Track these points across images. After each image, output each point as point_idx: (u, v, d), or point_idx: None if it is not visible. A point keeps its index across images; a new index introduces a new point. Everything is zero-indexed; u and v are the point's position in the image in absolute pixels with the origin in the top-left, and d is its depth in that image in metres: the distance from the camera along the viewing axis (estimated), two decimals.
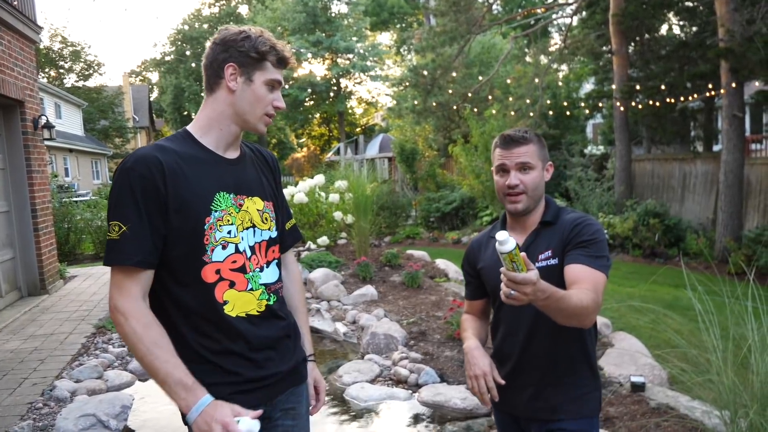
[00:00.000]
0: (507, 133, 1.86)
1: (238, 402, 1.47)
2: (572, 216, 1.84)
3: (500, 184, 1.84)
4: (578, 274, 1.64)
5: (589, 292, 1.57)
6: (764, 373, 2.61)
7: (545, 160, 1.88)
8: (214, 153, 1.60)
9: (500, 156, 1.83)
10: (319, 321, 6.13)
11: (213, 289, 1.51)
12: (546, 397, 1.81)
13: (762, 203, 9.63)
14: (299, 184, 8.76)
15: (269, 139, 43.94)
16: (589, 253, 1.69)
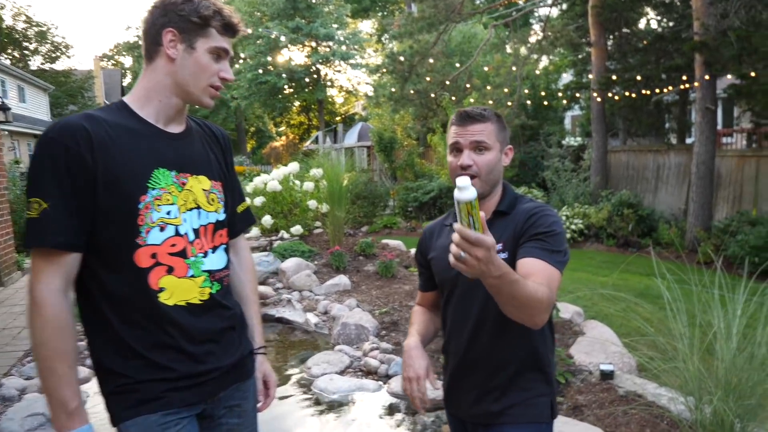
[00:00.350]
0: (464, 109, 1.69)
1: (173, 400, 1.38)
2: (529, 206, 1.67)
3: (453, 164, 1.66)
4: (531, 268, 1.47)
5: (543, 287, 1.41)
6: (729, 360, 2.62)
7: (504, 143, 1.70)
8: (153, 126, 1.46)
9: (455, 133, 1.66)
10: (290, 311, 6.05)
11: (147, 275, 1.38)
12: (490, 401, 1.66)
13: (731, 194, 9.77)
14: (273, 171, 8.63)
15: (247, 128, 43.51)
16: (544, 246, 1.53)
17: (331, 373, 4.43)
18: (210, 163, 1.57)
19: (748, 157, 9.55)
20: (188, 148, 1.52)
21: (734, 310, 2.78)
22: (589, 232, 10.83)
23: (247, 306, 1.70)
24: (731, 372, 2.56)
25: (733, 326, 2.75)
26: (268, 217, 8.06)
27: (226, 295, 1.57)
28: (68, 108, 33.28)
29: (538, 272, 1.46)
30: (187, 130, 1.55)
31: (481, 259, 1.17)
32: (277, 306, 6.27)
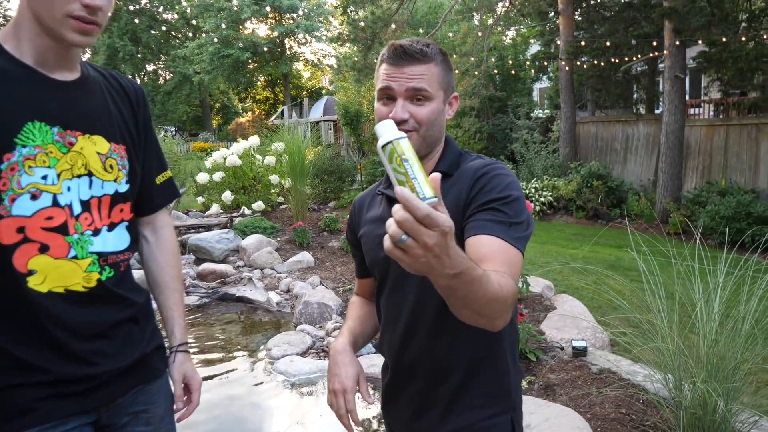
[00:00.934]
0: (399, 42, 1.28)
1: (52, 411, 1.09)
2: (476, 163, 1.29)
3: (382, 114, 1.26)
4: (486, 249, 1.11)
5: (506, 276, 1.04)
6: (710, 338, 2.43)
7: (449, 90, 1.32)
8: (32, 69, 1.16)
9: (387, 75, 1.26)
10: (251, 290, 5.76)
11: (11, 254, 1.10)
12: (435, 418, 1.31)
13: (700, 164, 9.75)
14: (233, 146, 8.24)
15: (212, 104, 42.34)
16: (500, 217, 1.16)
17: (292, 354, 4.18)
18: (112, 121, 1.28)
19: (717, 127, 9.51)
20: (81, 100, 1.22)
21: (715, 284, 2.59)
22: (558, 205, 10.74)
23: (164, 295, 1.45)
24: (713, 351, 2.38)
25: (714, 301, 2.57)
26: (228, 193, 7.70)
27: (123, 283, 1.28)
28: None
29: (496, 255, 1.10)
30: (82, 79, 1.25)
31: (431, 248, 0.78)
32: (237, 285, 5.98)
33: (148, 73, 41.75)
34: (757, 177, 8.78)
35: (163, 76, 41.31)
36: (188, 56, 31.04)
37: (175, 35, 40.21)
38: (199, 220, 7.55)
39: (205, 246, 6.69)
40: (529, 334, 3.68)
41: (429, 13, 17.40)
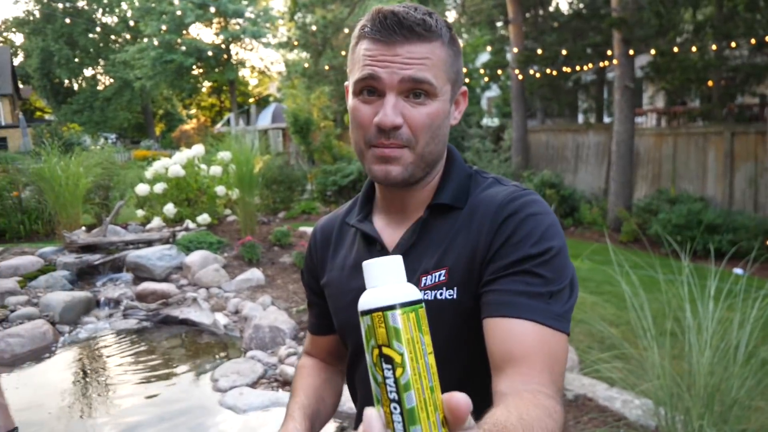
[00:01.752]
0: (390, 8, 0.85)
1: None
2: (497, 195, 0.89)
3: (364, 118, 0.87)
4: (518, 344, 0.77)
5: (551, 403, 0.72)
6: (705, 366, 2.24)
7: (458, 83, 0.93)
8: None
9: (370, 58, 0.85)
10: (195, 312, 5.32)
11: None
12: None
13: (650, 173, 9.88)
14: (175, 155, 7.74)
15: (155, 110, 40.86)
16: (535, 288, 0.80)
17: (241, 385, 3.81)
18: None
19: (665, 136, 9.66)
20: None
21: (704, 305, 2.41)
22: None
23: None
24: (707, 380, 2.19)
25: (705, 324, 2.39)
26: (170, 206, 7.21)
27: None
28: None
29: (532, 352, 0.76)
30: None
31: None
32: (181, 306, 5.52)
33: (86, 78, 39.98)
34: (705, 185, 8.95)
35: (103, 82, 39.65)
36: (129, 61, 29.83)
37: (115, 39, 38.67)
38: (138, 234, 7.02)
39: (145, 263, 6.19)
40: None
41: None
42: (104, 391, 4.01)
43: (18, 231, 8.69)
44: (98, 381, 4.21)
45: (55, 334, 4.96)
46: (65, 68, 35.47)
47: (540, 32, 12.34)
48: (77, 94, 37.13)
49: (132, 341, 4.94)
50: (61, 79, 36.71)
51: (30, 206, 8.77)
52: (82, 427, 3.45)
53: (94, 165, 8.06)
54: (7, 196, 8.84)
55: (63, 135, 26.61)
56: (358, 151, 0.91)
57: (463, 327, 0.86)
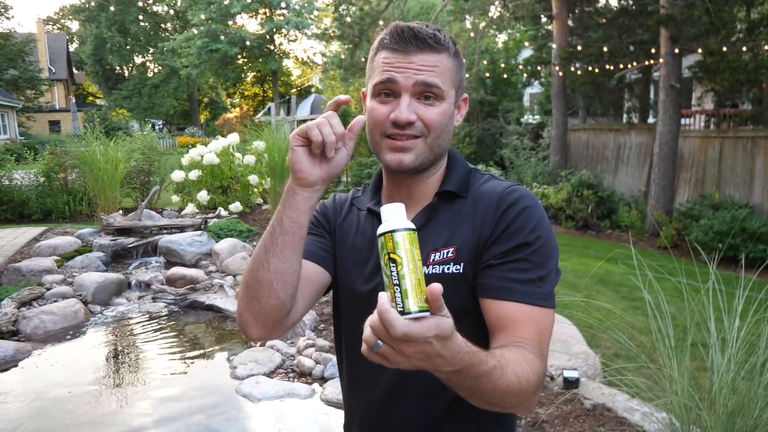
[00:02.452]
0: (406, 24, 1.03)
1: None
2: (496, 188, 1.05)
3: (380, 115, 1.02)
4: (512, 319, 0.95)
5: (532, 357, 0.89)
6: (727, 383, 2.13)
7: (461, 90, 1.08)
8: None
9: (389, 65, 1.00)
10: (221, 299, 5.40)
11: None
12: None
13: (693, 177, 9.52)
14: (211, 143, 7.85)
15: (200, 98, 41.71)
16: (528, 274, 0.97)
17: (258, 374, 3.84)
18: None
19: (711, 138, 9.28)
20: None
21: (731, 318, 2.29)
22: (547, 214, 10.47)
23: None
24: (729, 398, 2.07)
25: (729, 337, 2.26)
26: (204, 193, 7.32)
27: None
28: (8, 73, 31.25)
29: (524, 324, 0.94)
30: None
31: (413, 355, 0.71)
32: (207, 292, 5.61)
33: (136, 65, 41.07)
34: (752, 191, 8.56)
35: (152, 69, 40.66)
36: (176, 49, 30.49)
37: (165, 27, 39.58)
38: (172, 220, 7.17)
39: (176, 249, 6.32)
40: None
41: (421, 13, 17.09)
42: (126, 373, 4.11)
43: (63, 211, 9.01)
44: (121, 362, 4.32)
45: (86, 314, 5.11)
46: (117, 55, 36.48)
47: (585, 29, 12.00)
48: (127, 80, 38.18)
49: (158, 324, 5.04)
50: (112, 65, 37.80)
51: (75, 188, 9.06)
52: (101, 405, 3.54)
53: (133, 150, 8.25)
54: (55, 177, 9.16)
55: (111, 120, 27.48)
56: (374, 143, 1.05)
57: (467, 297, 1.01)
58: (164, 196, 9.80)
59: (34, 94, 33.06)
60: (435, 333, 0.69)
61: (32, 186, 9.29)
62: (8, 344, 4.33)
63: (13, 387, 3.84)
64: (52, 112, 35.69)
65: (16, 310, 4.88)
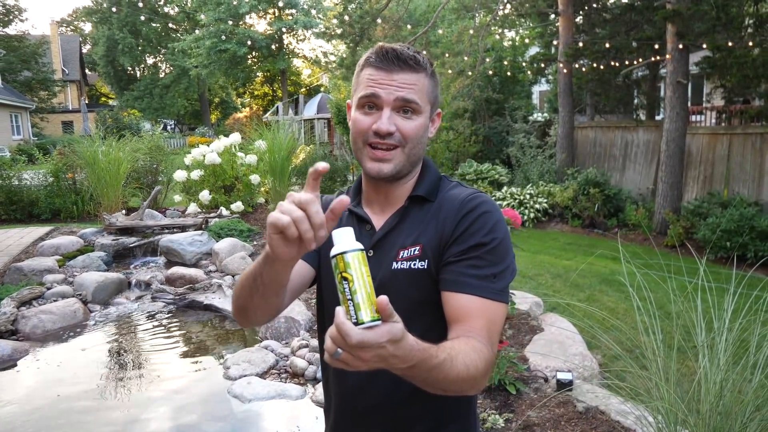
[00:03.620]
0: (390, 46, 1.16)
1: None
2: (461, 194, 1.17)
3: (363, 125, 1.13)
4: (466, 310, 1.07)
5: (480, 346, 1.00)
6: (714, 390, 2.06)
7: (435, 106, 1.21)
8: None
9: (372, 81, 1.13)
10: (219, 298, 5.40)
11: None
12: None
13: (702, 174, 9.38)
14: (213, 143, 7.85)
15: (210, 98, 41.90)
16: (483, 270, 1.09)
17: (251, 375, 3.82)
18: None
19: (720, 135, 9.14)
20: None
21: (721, 320, 2.23)
22: (553, 212, 10.37)
23: None
24: (715, 403, 2.01)
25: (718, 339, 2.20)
26: (205, 192, 7.33)
27: None
28: (22, 74, 31.64)
29: (476, 316, 1.06)
30: None
31: (370, 360, 0.81)
32: (206, 292, 5.62)
33: (148, 66, 41.36)
34: (761, 189, 8.41)
35: (163, 70, 40.92)
36: (186, 50, 30.65)
37: (175, 28, 39.80)
38: (173, 220, 7.18)
39: (177, 248, 6.33)
40: (510, 363, 3.32)
41: (428, 11, 17.00)
42: (121, 373, 4.10)
43: (72, 211, 9.07)
44: (117, 362, 4.31)
45: (85, 313, 5.13)
46: (128, 56, 36.73)
47: (591, 25, 11.86)
48: (138, 81, 38.45)
49: (156, 324, 5.05)
50: (124, 66, 38.08)
51: (83, 188, 9.12)
52: (94, 405, 3.53)
53: (137, 150, 8.28)
54: (63, 177, 9.22)
55: (123, 120, 27.68)
56: (356, 149, 1.17)
57: (431, 290, 1.12)
58: (171, 196, 9.84)
59: (47, 95, 33.42)
60: (387, 338, 0.78)
61: (41, 186, 9.37)
62: (5, 343, 4.35)
63: (7, 386, 3.85)
64: (65, 113, 36.05)
65: (16, 309, 4.90)
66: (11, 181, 9.27)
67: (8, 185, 9.18)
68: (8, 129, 27.33)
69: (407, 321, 1.05)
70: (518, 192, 10.57)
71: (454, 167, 12.48)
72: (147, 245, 6.65)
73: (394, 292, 1.07)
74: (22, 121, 29.63)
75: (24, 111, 29.67)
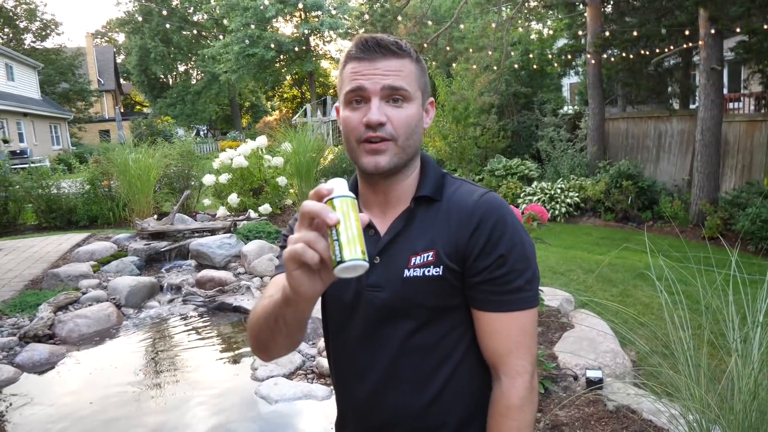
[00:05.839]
0: (368, 35, 1.10)
1: None
2: (467, 193, 1.11)
3: (353, 122, 1.07)
4: (493, 327, 1.08)
5: (506, 402, 1.06)
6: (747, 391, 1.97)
7: (426, 93, 1.14)
8: None
9: (356, 73, 1.06)
10: (248, 300, 5.45)
11: None
12: None
13: (740, 163, 9.06)
14: (240, 146, 7.94)
15: (241, 103, 42.49)
16: (509, 285, 1.06)
17: (278, 375, 3.84)
18: None
19: (758, 122, 8.81)
20: None
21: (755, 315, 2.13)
22: (585, 206, 10.17)
23: None
24: (748, 406, 1.92)
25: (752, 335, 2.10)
26: (233, 196, 7.41)
27: None
28: (60, 86, 32.67)
29: (510, 331, 1.07)
30: None
31: None
32: (235, 294, 5.69)
33: (179, 73, 42.16)
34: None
35: (194, 76, 41.65)
36: (215, 56, 31.13)
37: (206, 35, 40.47)
38: (203, 223, 7.28)
39: (206, 251, 6.42)
40: (538, 361, 3.25)
41: (453, 7, 16.86)
42: (153, 375, 4.18)
43: (108, 217, 9.31)
44: (149, 365, 4.39)
45: (119, 317, 5.24)
46: (160, 64, 37.46)
47: (621, 14, 11.58)
48: (171, 88, 39.22)
49: (187, 326, 5.12)
50: (156, 74, 38.87)
51: (118, 195, 9.34)
52: (125, 406, 3.60)
53: (166, 156, 8.43)
54: (99, 185, 9.47)
55: (157, 127, 28.27)
56: (350, 149, 1.10)
57: (448, 296, 1.08)
58: (201, 200, 10.01)
59: (84, 105, 34.43)
60: None
61: (79, 194, 9.63)
62: (43, 347, 4.47)
63: (46, 389, 3.96)
64: (102, 122, 37.10)
65: (53, 314, 5.04)
66: (50, 190, 9.55)
67: (47, 194, 9.47)
68: (48, 140, 28.25)
69: (424, 328, 1.09)
70: (549, 187, 10.40)
71: (482, 163, 12.36)
72: (178, 249, 6.76)
73: (407, 300, 1.07)
74: (61, 132, 30.59)
75: (63, 122, 30.64)
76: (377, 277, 1.09)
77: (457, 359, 1.11)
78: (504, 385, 1.07)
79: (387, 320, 1.09)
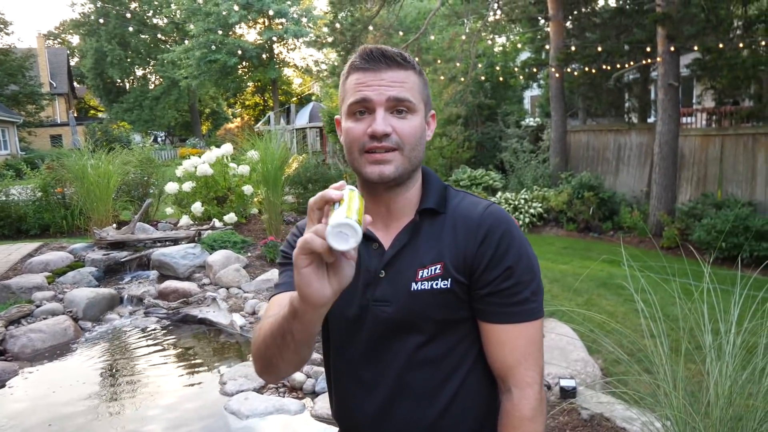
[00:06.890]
0: (374, 46, 1.09)
1: None
2: (472, 206, 1.12)
3: (357, 132, 1.06)
4: (502, 339, 1.08)
5: (518, 413, 1.06)
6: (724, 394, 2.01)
7: (428, 106, 1.14)
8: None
9: (360, 84, 1.05)
10: (213, 312, 5.32)
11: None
12: None
13: (695, 175, 9.39)
14: (204, 154, 7.77)
15: (201, 109, 41.80)
16: (517, 297, 1.07)
17: (248, 390, 3.74)
18: None
19: (712, 137, 9.16)
20: None
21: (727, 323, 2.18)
22: (548, 216, 10.35)
23: None
24: (725, 411, 1.96)
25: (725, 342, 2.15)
26: (197, 204, 7.24)
27: None
28: (9, 88, 31.42)
29: (518, 343, 1.08)
30: None
31: None
32: (200, 305, 5.53)
33: (137, 78, 41.20)
34: (755, 189, 8.42)
35: (152, 81, 40.79)
36: (175, 61, 30.57)
37: (165, 39, 39.72)
38: (166, 233, 7.08)
39: (169, 262, 6.23)
40: None
41: (418, 18, 17.03)
42: (114, 391, 4.01)
43: (61, 226, 8.94)
44: (109, 380, 4.22)
45: (76, 331, 5.02)
46: (117, 68, 36.57)
47: (582, 29, 11.90)
48: (128, 93, 38.29)
49: (150, 340, 4.95)
50: (113, 78, 37.92)
51: (73, 202, 9.00)
52: (86, 424, 3.44)
53: (126, 163, 8.18)
54: (52, 192, 9.10)
55: (113, 133, 27.50)
56: (353, 160, 1.09)
57: (456, 309, 1.09)
58: (162, 208, 9.74)
59: (34, 108, 33.17)
60: None
61: (29, 201, 9.24)
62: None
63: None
64: (54, 126, 35.80)
65: (4, 328, 4.80)
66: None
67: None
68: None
69: (432, 341, 1.08)
70: (513, 197, 10.54)
71: (447, 173, 12.45)
72: (139, 259, 6.55)
73: (415, 314, 1.06)
74: (9, 136, 29.35)
75: (11, 125, 29.41)
76: (383, 292, 1.08)
77: (465, 372, 1.11)
78: (515, 397, 1.07)
79: (394, 334, 1.08)
